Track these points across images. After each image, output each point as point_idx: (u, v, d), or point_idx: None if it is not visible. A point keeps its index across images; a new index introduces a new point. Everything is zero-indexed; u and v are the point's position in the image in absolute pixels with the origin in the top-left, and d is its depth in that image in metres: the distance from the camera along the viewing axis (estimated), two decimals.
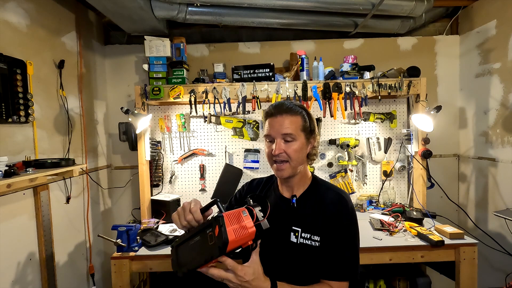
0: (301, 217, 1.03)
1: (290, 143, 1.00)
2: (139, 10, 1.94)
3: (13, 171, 1.34)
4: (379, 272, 2.15)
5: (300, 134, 1.01)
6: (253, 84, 2.14)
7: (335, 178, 2.39)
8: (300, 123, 1.02)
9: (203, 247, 0.78)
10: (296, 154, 1.00)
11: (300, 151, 1.01)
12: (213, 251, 0.75)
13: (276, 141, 1.00)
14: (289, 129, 0.99)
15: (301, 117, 1.02)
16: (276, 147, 0.99)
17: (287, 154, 0.99)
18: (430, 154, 2.15)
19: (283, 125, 0.99)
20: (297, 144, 1.00)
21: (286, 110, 1.01)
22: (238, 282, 0.81)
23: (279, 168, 1.02)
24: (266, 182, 1.20)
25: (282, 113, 1.01)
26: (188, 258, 0.83)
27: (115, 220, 2.53)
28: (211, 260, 0.77)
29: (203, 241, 0.79)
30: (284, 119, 1.00)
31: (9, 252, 1.50)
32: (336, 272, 0.96)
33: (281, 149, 0.99)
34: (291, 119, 1.00)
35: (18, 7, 1.62)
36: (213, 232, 0.76)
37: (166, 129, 2.38)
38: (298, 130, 1.01)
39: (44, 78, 1.78)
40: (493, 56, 2.20)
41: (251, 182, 1.24)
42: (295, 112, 1.02)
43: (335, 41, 2.55)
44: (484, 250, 2.16)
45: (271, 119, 1.02)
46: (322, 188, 1.07)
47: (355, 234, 1.01)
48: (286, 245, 1.02)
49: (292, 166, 1.01)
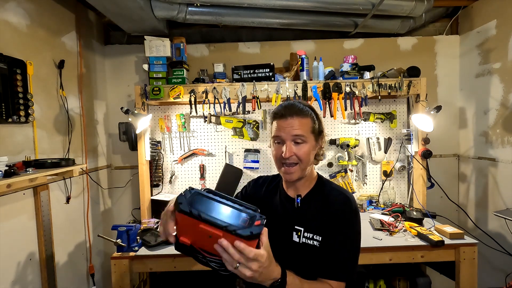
0: (304, 216, 1.03)
1: (300, 145, 0.99)
2: (139, 10, 1.94)
3: (13, 171, 1.34)
4: (379, 272, 2.15)
5: (310, 136, 1.00)
6: (253, 84, 2.14)
7: (335, 178, 2.38)
8: (310, 125, 1.01)
9: (229, 215, 0.70)
10: (306, 157, 0.99)
11: (310, 153, 1.01)
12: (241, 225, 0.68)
13: (286, 143, 0.98)
14: (300, 131, 0.98)
15: (311, 118, 1.01)
16: (287, 149, 0.98)
17: (297, 157, 0.99)
18: (430, 154, 2.15)
19: (294, 127, 0.98)
20: (308, 146, 1.00)
21: (296, 112, 0.99)
22: (259, 270, 0.72)
23: (288, 171, 1.00)
24: (272, 180, 1.20)
25: (292, 115, 0.99)
26: (203, 207, 0.71)
27: (115, 220, 2.53)
28: (230, 233, 0.67)
29: (231, 213, 0.71)
30: (294, 120, 0.98)
31: (9, 252, 1.50)
32: (336, 272, 0.96)
33: (292, 152, 0.98)
34: (301, 121, 0.99)
35: (18, 7, 1.62)
36: (250, 218, 0.70)
37: (166, 129, 2.38)
38: (308, 132, 1.00)
39: (44, 78, 1.78)
40: (493, 56, 2.20)
41: (257, 180, 1.23)
42: (305, 114, 1.00)
43: (335, 41, 2.55)
44: (484, 250, 2.16)
45: (281, 121, 1.00)
46: (327, 188, 1.07)
47: (357, 235, 1.01)
48: (288, 245, 1.02)
49: (302, 168, 1.01)
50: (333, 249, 0.97)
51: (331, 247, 0.98)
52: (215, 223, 0.67)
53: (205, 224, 0.68)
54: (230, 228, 0.67)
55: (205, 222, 0.68)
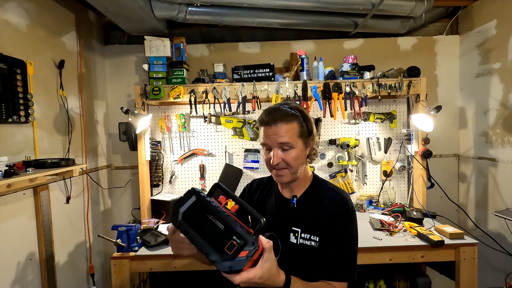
0: (301, 217, 1.03)
1: (288, 151, 0.97)
2: (139, 10, 1.94)
3: (13, 171, 1.34)
4: (379, 272, 2.15)
5: (297, 140, 0.98)
6: (253, 84, 2.14)
7: (335, 178, 2.39)
8: (296, 129, 0.97)
9: (216, 239, 0.68)
10: (295, 162, 0.98)
11: (298, 157, 0.99)
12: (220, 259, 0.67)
13: (274, 150, 0.97)
14: (285, 138, 0.95)
15: (297, 122, 0.98)
16: (274, 156, 0.96)
17: (285, 162, 0.98)
18: (430, 154, 2.15)
19: (279, 134, 0.95)
20: (295, 151, 0.97)
21: (281, 117, 0.96)
22: (254, 285, 0.73)
23: (278, 174, 1.00)
24: (267, 183, 1.19)
25: (276, 122, 0.96)
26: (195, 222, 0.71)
27: (115, 220, 2.53)
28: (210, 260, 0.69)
29: (220, 236, 0.69)
30: (279, 128, 0.95)
31: (9, 252, 1.50)
32: (336, 272, 0.96)
33: (279, 158, 0.97)
34: (286, 128, 0.96)
35: (18, 7, 1.62)
36: (237, 247, 0.67)
37: (166, 129, 2.38)
38: (295, 137, 0.97)
39: (44, 78, 1.78)
40: (493, 56, 2.20)
41: (251, 184, 1.22)
42: (290, 119, 0.97)
43: (335, 41, 2.55)
44: (484, 250, 2.16)
45: (266, 128, 0.98)
46: (322, 188, 1.06)
47: (354, 234, 1.01)
48: (285, 246, 1.02)
49: (292, 172, 1.00)
50: (333, 250, 0.97)
51: (330, 248, 0.97)
52: (198, 247, 0.70)
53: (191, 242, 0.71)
54: (210, 258, 0.68)
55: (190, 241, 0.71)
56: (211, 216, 0.71)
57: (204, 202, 0.74)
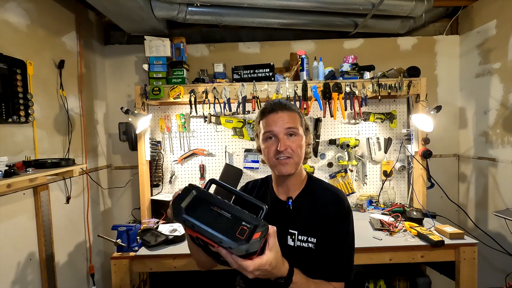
0: (298, 219, 1.02)
1: (294, 138, 1.00)
2: (139, 10, 1.94)
3: (13, 171, 1.34)
4: (379, 272, 2.15)
5: (300, 129, 1.02)
6: (253, 84, 2.14)
7: (335, 178, 2.39)
8: (299, 119, 1.03)
9: (226, 227, 0.67)
10: (300, 150, 1.00)
11: (302, 147, 1.02)
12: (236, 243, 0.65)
13: (280, 137, 0.99)
14: (292, 123, 1.00)
15: (298, 113, 1.04)
16: (281, 143, 0.97)
17: (291, 150, 0.99)
18: (430, 154, 2.15)
19: (285, 120, 0.99)
20: (300, 139, 1.01)
21: (285, 106, 1.02)
22: (262, 274, 0.72)
23: (283, 162, 0.99)
24: (261, 184, 1.17)
25: (283, 109, 1.01)
26: (200, 215, 0.69)
27: (115, 220, 2.53)
28: (224, 247, 0.67)
29: (229, 224, 0.68)
30: (285, 114, 1.00)
31: (9, 252, 1.50)
32: (335, 272, 0.96)
33: (286, 145, 0.98)
34: (291, 115, 1.01)
35: (18, 7, 1.62)
36: (249, 231, 0.66)
37: (166, 129, 2.38)
38: (299, 126, 1.02)
39: (44, 78, 1.78)
40: (493, 56, 2.20)
41: (246, 186, 1.21)
42: (293, 109, 1.03)
43: (335, 41, 2.55)
44: (484, 250, 2.16)
45: (272, 115, 1.01)
46: (318, 188, 1.06)
47: (351, 234, 1.01)
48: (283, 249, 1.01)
49: (296, 162, 1.00)
50: (330, 251, 0.97)
51: (328, 248, 0.97)
52: (209, 238, 0.66)
53: (200, 235, 0.68)
54: (224, 245, 0.66)
55: (199, 234, 0.68)
56: (216, 207, 0.70)
57: (205, 194, 0.74)
